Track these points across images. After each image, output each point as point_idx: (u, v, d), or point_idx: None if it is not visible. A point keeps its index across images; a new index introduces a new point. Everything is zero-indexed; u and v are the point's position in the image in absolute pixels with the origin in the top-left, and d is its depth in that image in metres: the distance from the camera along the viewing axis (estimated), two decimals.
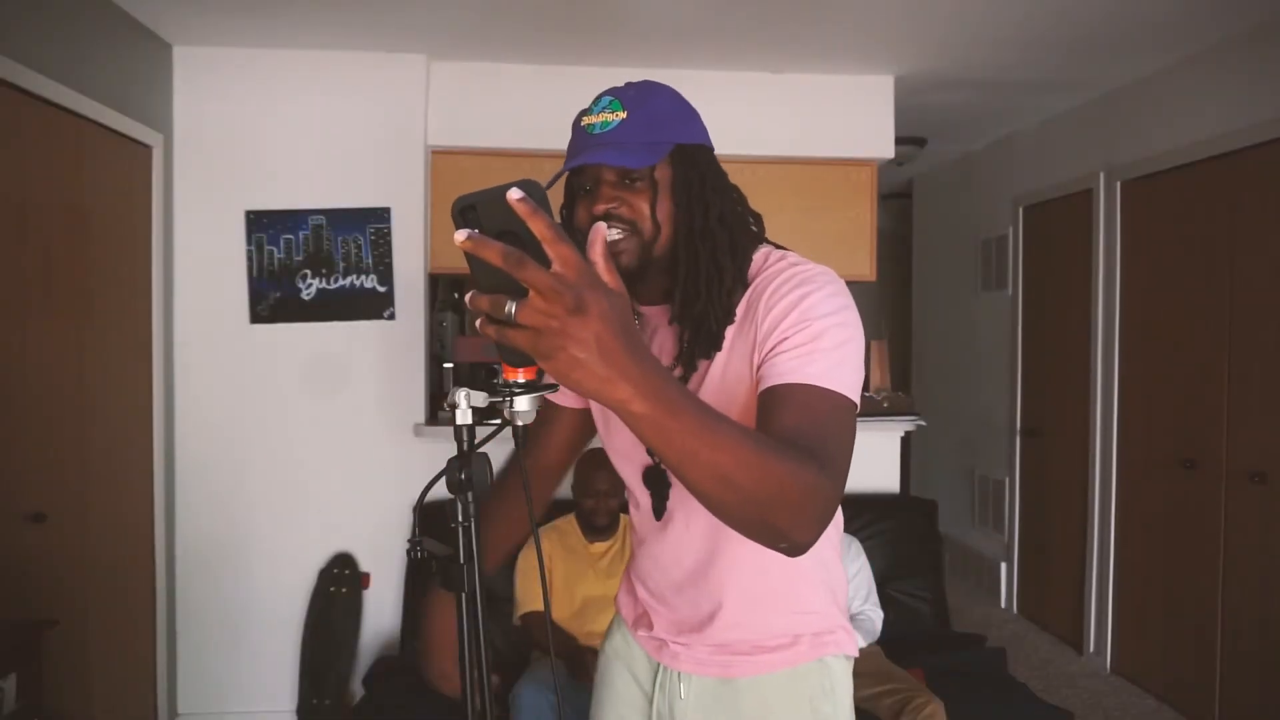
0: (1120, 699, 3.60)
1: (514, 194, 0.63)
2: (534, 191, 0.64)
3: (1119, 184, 3.81)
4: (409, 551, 0.98)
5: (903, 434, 3.65)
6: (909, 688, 2.54)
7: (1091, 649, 3.98)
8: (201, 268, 3.27)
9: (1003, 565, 4.76)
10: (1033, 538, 4.60)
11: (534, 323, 0.63)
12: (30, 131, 2.43)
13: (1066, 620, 4.21)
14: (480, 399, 0.91)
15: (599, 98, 1.09)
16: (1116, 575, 3.86)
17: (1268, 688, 3.04)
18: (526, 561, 2.94)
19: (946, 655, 3.00)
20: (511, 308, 0.63)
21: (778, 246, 1.16)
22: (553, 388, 0.94)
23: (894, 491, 3.61)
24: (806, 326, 1.00)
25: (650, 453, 1.19)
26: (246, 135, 3.27)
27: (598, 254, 0.68)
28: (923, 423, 3.59)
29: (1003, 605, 4.75)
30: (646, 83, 1.12)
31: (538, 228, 0.63)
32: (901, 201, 6.42)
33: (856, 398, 0.99)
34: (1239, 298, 3.18)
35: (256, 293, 3.28)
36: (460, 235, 0.63)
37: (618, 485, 2.77)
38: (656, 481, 1.20)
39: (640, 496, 1.24)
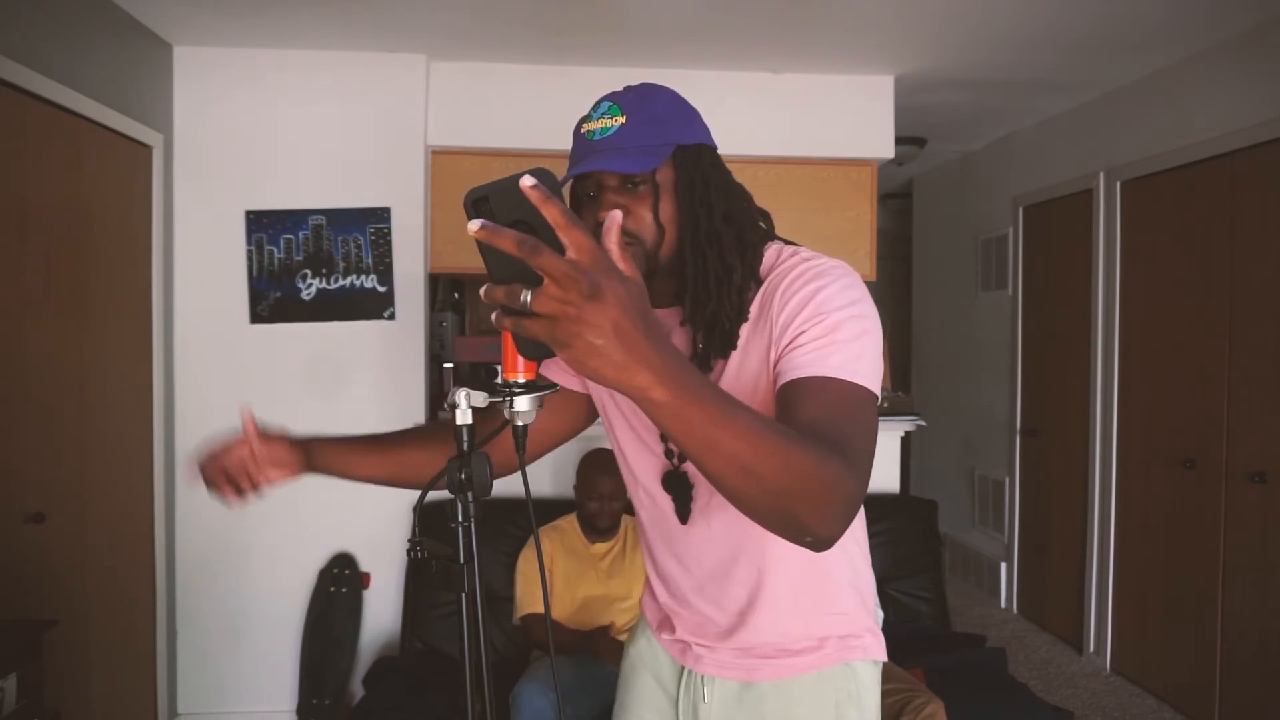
0: (1120, 699, 3.61)
1: (526, 181, 0.62)
2: (547, 179, 0.64)
3: (1119, 184, 3.81)
4: (409, 551, 0.97)
5: (903, 434, 3.65)
6: (909, 688, 2.53)
7: (1091, 649, 3.98)
8: (201, 268, 3.27)
9: (1003, 565, 4.76)
10: (1033, 538, 4.60)
11: (550, 310, 0.62)
12: (30, 131, 2.43)
13: (1066, 620, 4.21)
14: (480, 399, 0.92)
15: (598, 103, 1.09)
16: (1116, 575, 3.86)
17: (1268, 687, 3.04)
18: (527, 562, 2.94)
19: (946, 655, 3.00)
20: (527, 296, 0.62)
21: (788, 243, 1.14)
22: (552, 388, 0.94)
23: (894, 491, 3.62)
24: (823, 319, 0.98)
25: (669, 455, 1.18)
26: (246, 135, 3.27)
27: (613, 241, 0.67)
28: (923, 423, 3.59)
29: (1003, 605, 4.75)
30: (645, 85, 1.11)
31: (551, 214, 0.62)
32: (901, 201, 6.42)
33: (877, 389, 0.97)
34: (1239, 298, 3.18)
35: (256, 293, 3.28)
36: (474, 225, 0.62)
37: (621, 488, 2.76)
38: (678, 485, 1.18)
39: (660, 500, 1.22)
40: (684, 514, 1.19)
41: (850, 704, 1.19)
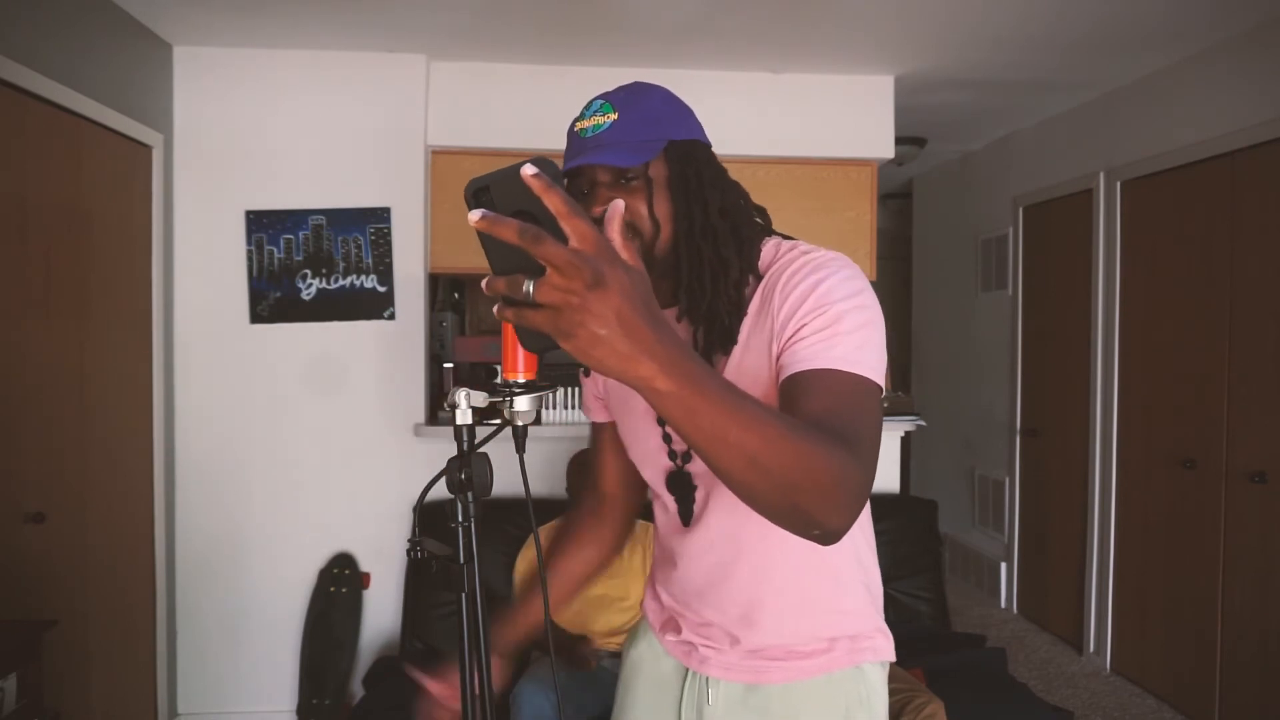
0: (1120, 699, 3.61)
1: (528, 169, 0.61)
2: (548, 168, 0.63)
3: (1119, 184, 3.82)
4: (409, 551, 0.98)
5: (903, 434, 3.65)
6: (909, 688, 2.53)
7: (1091, 649, 3.98)
8: (201, 268, 3.27)
9: (1003, 565, 4.76)
10: (1033, 538, 4.60)
11: (553, 300, 0.61)
12: (30, 131, 2.43)
13: (1066, 620, 4.21)
14: (480, 399, 0.92)
15: (590, 102, 1.09)
16: (1116, 575, 3.86)
17: (1267, 687, 3.04)
18: (526, 562, 2.94)
19: (946, 655, 3.00)
20: (529, 286, 0.61)
21: (786, 238, 1.13)
22: (552, 388, 0.93)
23: (894, 491, 3.62)
24: (825, 311, 0.97)
25: (671, 456, 1.18)
26: (246, 135, 3.27)
27: (615, 230, 0.66)
28: (923, 423, 3.59)
29: (1003, 605, 4.75)
30: (637, 84, 1.11)
31: (553, 202, 0.61)
32: (901, 201, 6.42)
33: (881, 380, 0.96)
34: (1239, 298, 3.18)
35: (256, 293, 3.28)
36: (475, 215, 0.61)
37: None
38: (681, 485, 1.18)
39: (669, 503, 1.22)
40: (686, 515, 1.19)
41: (860, 708, 1.17)
